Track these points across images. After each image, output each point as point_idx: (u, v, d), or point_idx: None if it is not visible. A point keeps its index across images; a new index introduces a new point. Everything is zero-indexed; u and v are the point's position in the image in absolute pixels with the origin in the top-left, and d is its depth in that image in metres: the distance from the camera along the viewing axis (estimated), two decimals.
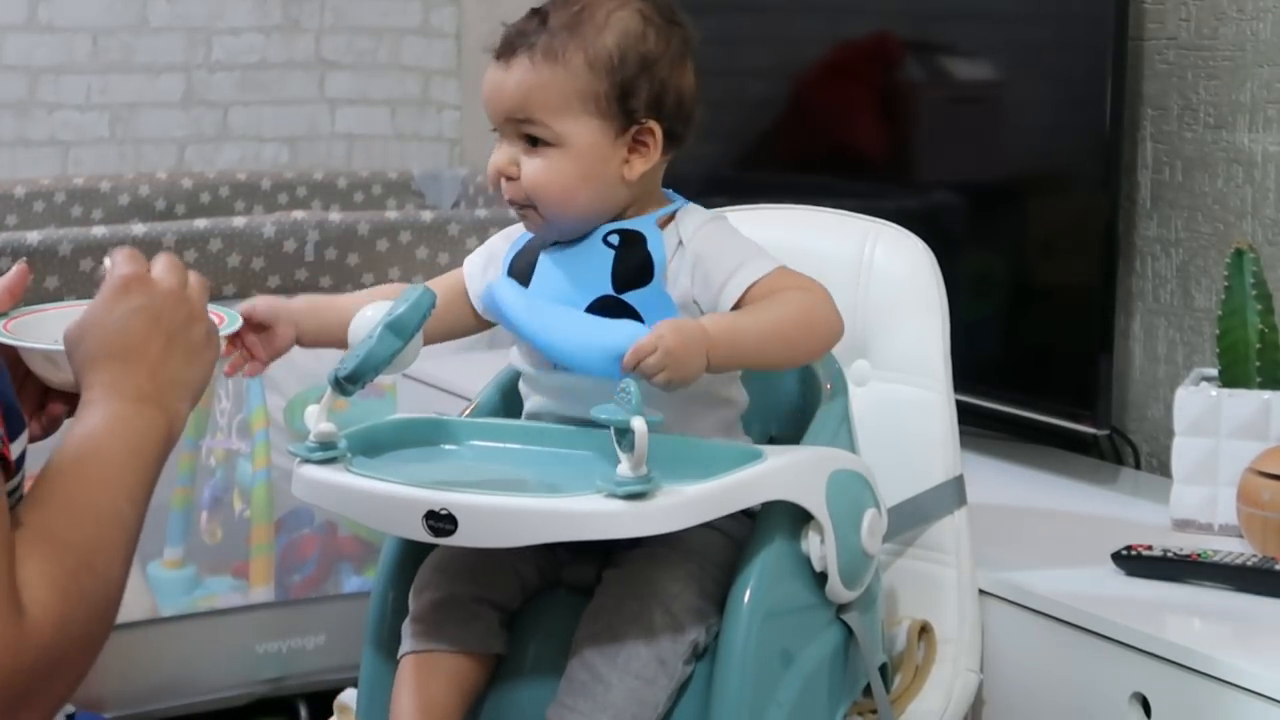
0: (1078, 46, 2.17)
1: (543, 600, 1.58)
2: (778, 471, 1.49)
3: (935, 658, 1.76)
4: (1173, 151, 2.21)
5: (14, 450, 1.21)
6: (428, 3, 3.85)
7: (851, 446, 1.65)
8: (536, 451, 1.56)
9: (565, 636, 1.51)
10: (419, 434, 1.60)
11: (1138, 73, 2.22)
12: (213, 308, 1.49)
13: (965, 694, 1.77)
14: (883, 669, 1.70)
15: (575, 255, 1.57)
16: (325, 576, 2.76)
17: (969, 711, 1.80)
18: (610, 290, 1.55)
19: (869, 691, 1.65)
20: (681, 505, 1.40)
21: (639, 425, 1.34)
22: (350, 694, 1.91)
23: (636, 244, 1.56)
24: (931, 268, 1.82)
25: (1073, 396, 2.15)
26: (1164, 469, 2.11)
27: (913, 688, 1.73)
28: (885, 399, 1.80)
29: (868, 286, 1.82)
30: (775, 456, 1.51)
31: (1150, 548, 1.82)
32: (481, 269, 1.66)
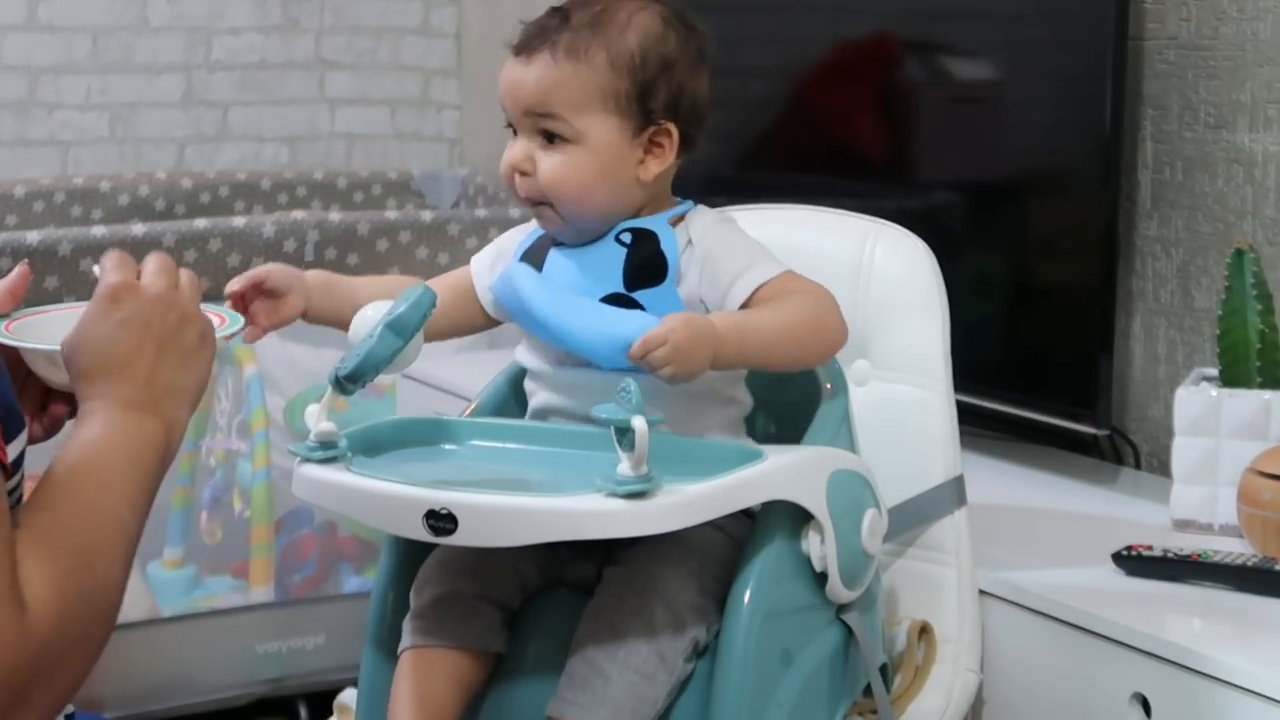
0: (1078, 46, 2.17)
1: (543, 599, 1.58)
2: (778, 471, 1.49)
3: (935, 658, 1.76)
4: (1173, 151, 2.21)
5: (12, 452, 1.21)
6: (428, 3, 3.84)
7: (852, 446, 1.65)
8: (537, 451, 1.56)
9: (566, 635, 1.51)
10: (419, 434, 1.60)
11: (1138, 73, 2.22)
12: (214, 308, 1.49)
13: (965, 694, 1.77)
14: (883, 669, 1.70)
15: (587, 252, 1.58)
16: (325, 576, 2.76)
17: (969, 711, 1.80)
18: (621, 288, 1.55)
19: (869, 691, 1.65)
20: (682, 504, 1.40)
21: (639, 424, 1.34)
22: (350, 694, 1.92)
23: (648, 242, 1.57)
24: (931, 267, 1.82)
25: (1073, 396, 2.15)
26: (1164, 469, 2.10)
27: (913, 688, 1.73)
28: (885, 399, 1.80)
29: (868, 286, 1.82)
30: (776, 456, 1.51)
31: (1150, 548, 1.82)
32: (489, 266, 1.66)
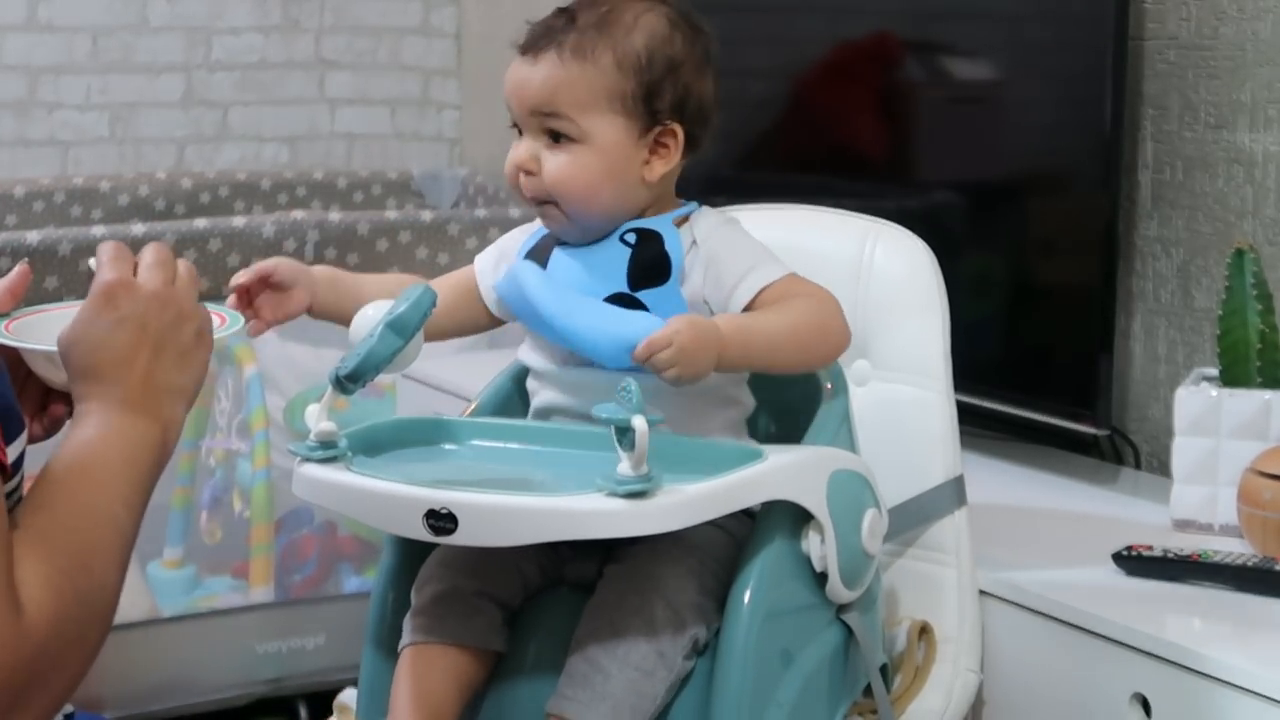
0: (1078, 46, 2.17)
1: (544, 599, 1.58)
2: (778, 471, 1.49)
3: (935, 658, 1.76)
4: (1173, 151, 2.21)
5: (11, 453, 1.21)
6: (428, 3, 3.84)
7: (852, 446, 1.65)
8: (537, 451, 1.56)
9: (567, 635, 1.51)
10: (419, 433, 1.60)
11: (1138, 73, 2.22)
12: (215, 307, 1.49)
13: (965, 694, 1.77)
14: (883, 669, 1.70)
15: (591, 251, 1.58)
16: (325, 576, 2.76)
17: (969, 711, 1.80)
18: (625, 288, 1.56)
19: (869, 691, 1.65)
20: (682, 504, 1.40)
21: (639, 424, 1.34)
22: (350, 694, 1.92)
23: (653, 243, 1.57)
24: (932, 267, 1.82)
25: (1073, 396, 2.15)
26: (1164, 469, 2.10)
27: (913, 688, 1.73)
28: (885, 399, 1.80)
29: (868, 286, 1.82)
30: (776, 456, 1.51)
31: (1150, 548, 1.82)
32: (493, 265, 1.67)
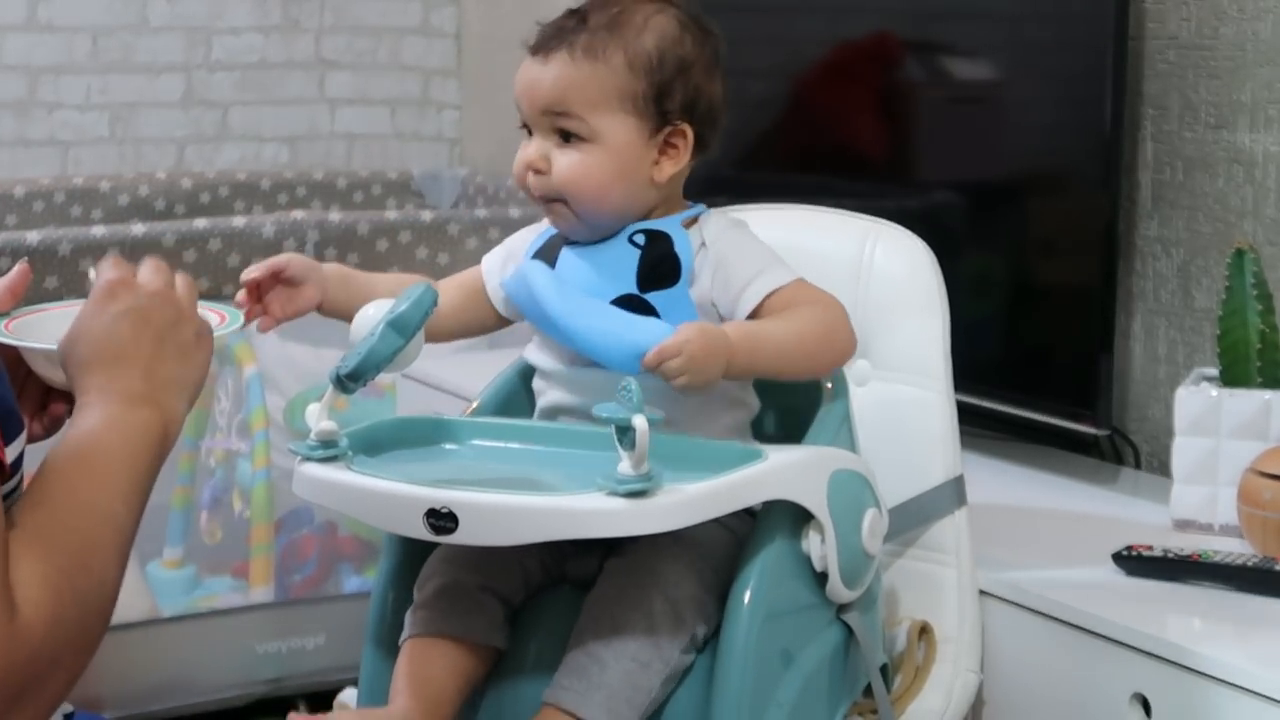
0: (1078, 46, 2.17)
1: (546, 597, 1.58)
2: (779, 471, 1.49)
3: (935, 658, 1.76)
4: (1173, 151, 2.21)
5: (10, 453, 1.21)
6: (428, 3, 3.84)
7: (852, 446, 1.65)
8: (537, 450, 1.56)
9: (567, 634, 1.51)
10: (420, 433, 1.60)
11: (1138, 73, 2.22)
12: (214, 305, 1.49)
13: (965, 694, 1.77)
14: (883, 669, 1.70)
15: (599, 252, 1.58)
16: (325, 576, 2.76)
17: (969, 711, 1.80)
18: (634, 289, 1.56)
19: (869, 691, 1.65)
20: (682, 503, 1.40)
21: (640, 423, 1.34)
22: (350, 694, 1.91)
23: (662, 244, 1.57)
24: (932, 267, 1.82)
25: (1073, 396, 2.15)
26: (1164, 469, 2.10)
27: (913, 688, 1.73)
28: (885, 399, 1.80)
29: (868, 286, 1.82)
30: (776, 456, 1.51)
31: (1150, 548, 1.82)
32: (500, 265, 1.67)
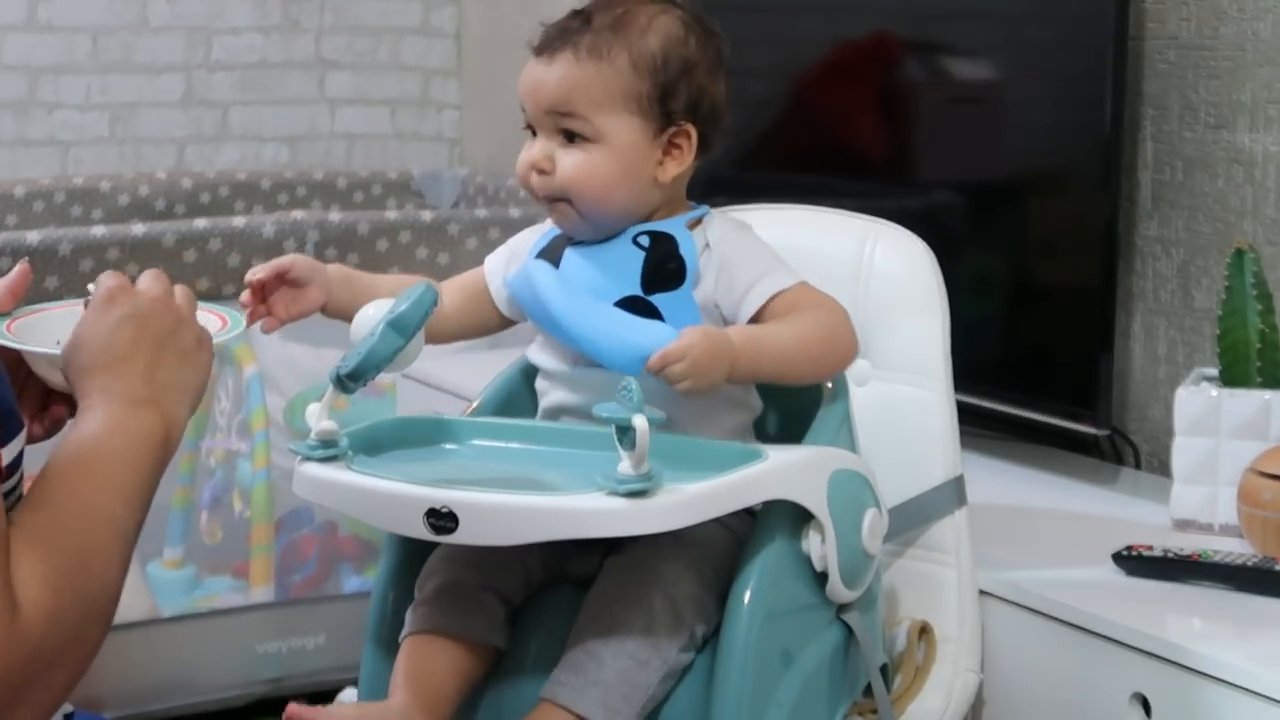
0: (1078, 46, 2.17)
1: (546, 597, 1.58)
2: (779, 471, 1.49)
3: (935, 658, 1.76)
4: (1173, 151, 2.21)
5: (8, 454, 1.21)
6: (428, 3, 3.84)
7: (852, 446, 1.65)
8: (537, 450, 1.56)
9: (568, 634, 1.51)
10: (420, 433, 1.60)
11: (1138, 73, 2.22)
12: (216, 308, 1.49)
13: (965, 694, 1.77)
14: (883, 669, 1.70)
15: (603, 253, 1.59)
16: (325, 576, 2.76)
17: (969, 711, 1.80)
18: (638, 291, 1.56)
19: (869, 691, 1.65)
20: (682, 503, 1.40)
21: (640, 423, 1.34)
22: (350, 694, 1.91)
23: (666, 246, 1.57)
24: (932, 267, 1.82)
25: (1073, 396, 2.15)
26: (1164, 469, 2.10)
27: (913, 688, 1.73)
28: (885, 399, 1.80)
29: (868, 286, 1.82)
30: (776, 456, 1.51)
31: (1150, 548, 1.82)
32: (503, 265, 1.67)
